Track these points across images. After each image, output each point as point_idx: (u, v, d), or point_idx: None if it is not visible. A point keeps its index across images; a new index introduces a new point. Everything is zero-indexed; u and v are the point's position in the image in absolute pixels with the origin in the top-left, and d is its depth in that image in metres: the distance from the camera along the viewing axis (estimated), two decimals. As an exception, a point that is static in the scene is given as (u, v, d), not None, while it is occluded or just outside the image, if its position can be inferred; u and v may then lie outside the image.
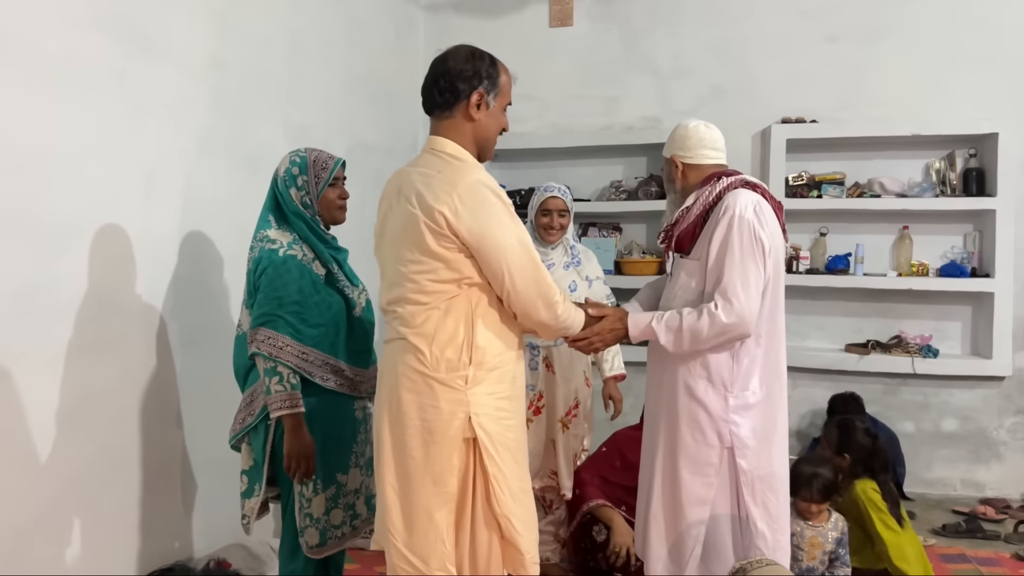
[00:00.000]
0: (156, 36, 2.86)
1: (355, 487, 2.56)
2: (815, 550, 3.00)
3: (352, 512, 2.56)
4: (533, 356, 3.17)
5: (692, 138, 2.43)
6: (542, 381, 3.19)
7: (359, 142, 4.41)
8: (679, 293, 2.35)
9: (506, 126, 2.18)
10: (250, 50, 3.42)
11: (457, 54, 2.07)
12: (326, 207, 2.52)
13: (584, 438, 3.29)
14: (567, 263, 3.25)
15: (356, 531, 2.59)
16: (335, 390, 2.47)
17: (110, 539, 2.68)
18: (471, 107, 2.05)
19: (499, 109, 2.12)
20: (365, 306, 2.64)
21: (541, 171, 5.21)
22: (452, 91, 2.04)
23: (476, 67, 2.05)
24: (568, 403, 3.21)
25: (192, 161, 3.07)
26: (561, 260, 3.24)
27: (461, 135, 2.08)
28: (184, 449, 3.04)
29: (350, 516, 2.56)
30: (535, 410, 3.18)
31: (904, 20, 4.58)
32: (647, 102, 5.03)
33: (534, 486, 3.16)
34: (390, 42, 4.90)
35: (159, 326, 2.90)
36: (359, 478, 2.58)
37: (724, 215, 2.26)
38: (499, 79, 2.09)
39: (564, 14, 5.15)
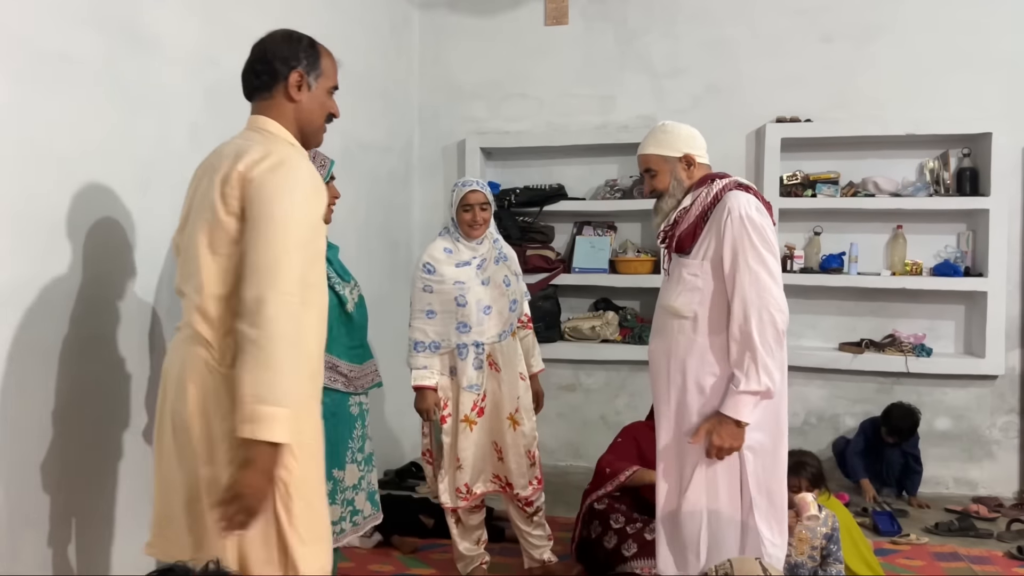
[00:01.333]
0: (149, 32, 2.84)
1: (353, 483, 2.60)
2: (803, 544, 3.03)
3: (352, 508, 2.59)
4: (478, 355, 3.11)
5: (698, 138, 2.56)
6: (487, 380, 3.14)
7: (353, 140, 4.40)
8: (683, 292, 2.41)
9: (334, 111, 2.12)
10: (244, 47, 3.39)
11: (273, 36, 2.06)
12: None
13: (534, 432, 3.23)
14: (496, 258, 3.22)
15: (357, 527, 2.63)
16: (329, 387, 2.49)
17: (106, 538, 2.67)
18: (291, 87, 1.99)
19: (323, 92, 2.07)
20: (358, 302, 2.66)
21: (535, 170, 5.21)
22: (270, 72, 2.00)
23: (294, 48, 2.02)
24: (513, 400, 3.16)
25: (186, 158, 3.04)
26: (491, 255, 3.20)
27: (282, 116, 2.02)
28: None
29: (350, 512, 2.59)
30: (479, 411, 3.13)
31: (898, 20, 4.60)
32: (642, 101, 5.03)
33: (476, 491, 3.16)
34: (384, 40, 4.89)
35: (153, 324, 2.89)
36: (357, 473, 2.62)
37: (729, 216, 2.33)
38: (320, 60, 2.05)
39: (559, 12, 5.15)
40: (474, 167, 5.19)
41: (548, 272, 4.97)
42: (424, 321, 3.12)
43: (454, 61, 5.32)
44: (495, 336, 3.12)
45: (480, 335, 3.10)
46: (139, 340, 2.82)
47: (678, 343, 2.42)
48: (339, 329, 2.56)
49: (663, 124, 2.58)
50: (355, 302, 2.64)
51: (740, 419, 2.30)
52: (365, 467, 2.64)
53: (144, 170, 2.83)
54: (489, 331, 3.11)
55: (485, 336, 3.11)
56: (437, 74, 5.35)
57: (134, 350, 2.80)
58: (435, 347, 3.13)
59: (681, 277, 2.40)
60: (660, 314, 2.50)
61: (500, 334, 3.13)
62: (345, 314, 2.58)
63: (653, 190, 2.52)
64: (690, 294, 2.38)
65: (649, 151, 2.52)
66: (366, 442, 2.67)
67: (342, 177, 2.93)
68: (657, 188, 2.51)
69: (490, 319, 3.11)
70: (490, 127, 5.27)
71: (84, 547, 2.58)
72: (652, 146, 2.52)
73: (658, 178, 2.51)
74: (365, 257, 4.47)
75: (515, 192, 5.07)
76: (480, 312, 3.09)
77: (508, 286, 3.18)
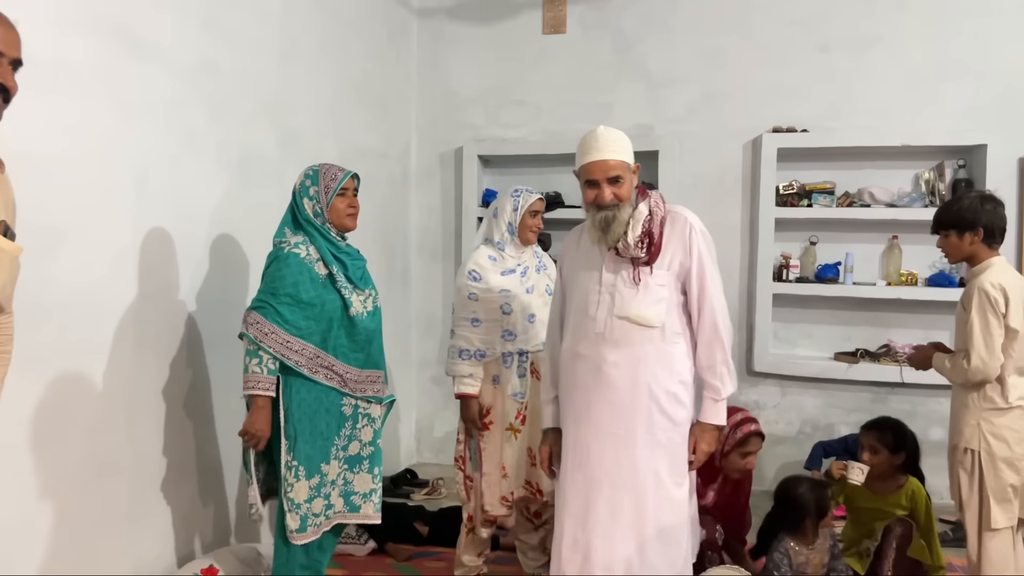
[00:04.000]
0: (146, 38, 2.85)
1: (333, 479, 2.73)
2: (818, 568, 3.01)
3: (327, 503, 2.73)
4: (522, 363, 3.11)
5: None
6: (530, 388, 3.13)
7: (351, 146, 4.41)
8: (653, 302, 2.40)
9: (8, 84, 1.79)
10: (241, 53, 3.42)
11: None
12: (335, 215, 2.72)
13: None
14: (538, 266, 3.23)
15: (329, 521, 2.74)
16: (324, 383, 2.64)
17: (97, 543, 2.66)
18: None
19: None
20: (372, 311, 2.78)
21: (533, 177, 5.21)
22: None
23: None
24: None
25: (183, 164, 3.06)
26: (533, 264, 3.22)
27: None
28: (176, 452, 3.02)
29: (325, 506, 2.72)
30: (522, 419, 3.13)
31: (894, 31, 4.62)
32: (639, 109, 5.05)
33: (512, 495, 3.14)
34: (383, 47, 4.91)
35: (150, 327, 2.89)
36: (337, 470, 2.74)
37: (692, 229, 2.45)
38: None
39: (557, 21, 5.16)
40: (471, 174, 5.20)
41: (544, 280, 4.98)
42: (469, 329, 3.10)
43: (452, 68, 5.33)
44: (540, 344, 3.08)
45: (525, 343, 3.09)
46: (135, 345, 2.82)
47: (647, 353, 2.39)
48: (339, 331, 2.68)
49: (612, 129, 2.50)
50: (367, 310, 2.75)
51: (721, 424, 2.45)
52: (346, 466, 2.75)
53: (141, 175, 2.83)
54: (534, 339, 3.09)
55: (530, 344, 3.09)
56: (435, 81, 5.36)
57: (130, 355, 2.79)
58: (480, 355, 3.11)
59: (648, 287, 2.39)
60: (619, 325, 2.40)
61: (544, 342, 3.07)
62: (348, 318, 2.67)
63: (614, 199, 2.39)
64: (659, 304, 2.39)
65: (618, 157, 2.42)
66: (353, 443, 2.76)
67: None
68: (620, 197, 2.40)
69: (535, 327, 3.10)
70: (488, 134, 5.28)
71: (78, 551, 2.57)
72: (619, 152, 2.44)
73: (623, 187, 2.41)
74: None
75: (512, 199, 5.07)
76: (525, 320, 3.09)
77: (550, 294, 3.13)
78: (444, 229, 5.37)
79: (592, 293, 2.44)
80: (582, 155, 2.45)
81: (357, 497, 2.78)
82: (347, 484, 2.77)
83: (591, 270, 2.48)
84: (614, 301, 2.41)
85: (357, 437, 2.77)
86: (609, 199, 2.39)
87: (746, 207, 4.91)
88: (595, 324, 2.42)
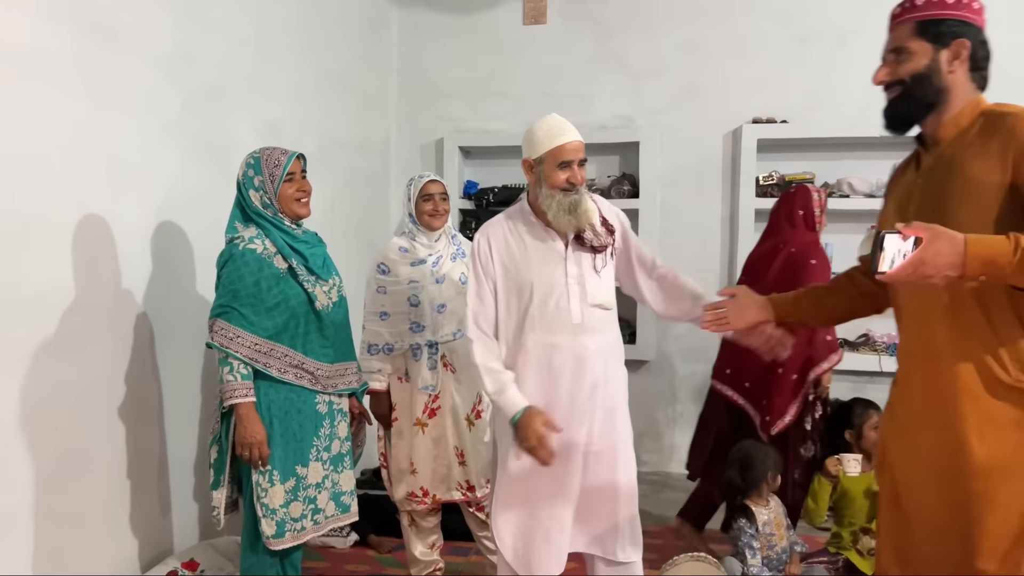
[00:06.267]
0: (122, 28, 2.81)
1: (316, 481, 2.60)
2: (780, 529, 3.15)
3: (314, 506, 2.60)
4: (432, 355, 3.06)
5: None
6: (442, 381, 3.08)
7: (331, 138, 4.38)
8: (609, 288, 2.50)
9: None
10: (219, 44, 3.38)
11: None
12: (285, 203, 2.55)
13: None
14: (453, 254, 3.16)
15: (319, 527, 2.62)
16: (294, 383, 2.52)
17: (76, 541, 2.64)
18: None
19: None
20: (337, 301, 2.65)
21: (514, 169, 5.19)
22: None
23: None
24: (470, 401, 3.11)
25: (160, 155, 3.02)
26: (448, 252, 3.15)
27: None
28: (153, 448, 3.00)
29: (311, 510, 2.59)
30: (429, 412, 3.08)
31: (872, 22, 4.62)
32: (620, 101, 5.05)
33: (439, 497, 3.10)
34: (363, 38, 4.87)
35: (127, 322, 2.86)
36: (321, 472, 2.62)
37: (618, 215, 2.59)
38: None
39: (538, 12, 5.15)
40: (452, 166, 5.18)
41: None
42: (378, 323, 3.10)
43: (432, 59, 5.31)
44: (449, 335, 3.05)
45: (434, 334, 3.05)
46: (113, 338, 2.79)
47: (615, 335, 2.53)
48: (307, 327, 2.56)
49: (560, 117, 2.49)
50: (332, 301, 2.63)
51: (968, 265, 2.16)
52: (331, 467, 2.64)
53: (117, 168, 2.79)
54: (443, 329, 3.05)
55: (439, 335, 3.05)
56: (415, 72, 5.33)
57: (107, 349, 2.77)
58: (389, 349, 3.09)
59: (606, 272, 2.48)
60: (592, 313, 2.42)
61: (455, 332, 3.06)
62: (314, 312, 2.56)
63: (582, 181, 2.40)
64: (612, 287, 2.51)
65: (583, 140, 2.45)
66: (334, 442, 2.66)
67: (317, 175, 2.92)
68: (584, 182, 2.42)
69: (444, 317, 3.05)
70: (469, 126, 5.26)
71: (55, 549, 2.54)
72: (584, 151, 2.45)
73: (584, 171, 2.43)
74: (342, 256, 4.42)
75: (493, 191, 5.07)
76: (434, 311, 3.05)
77: (464, 283, 3.07)
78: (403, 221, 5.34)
79: (559, 286, 2.41)
80: (553, 137, 2.40)
81: (346, 496, 2.71)
82: (335, 485, 2.66)
83: (552, 263, 2.42)
84: (585, 290, 2.42)
85: (336, 435, 2.67)
86: (582, 180, 2.41)
87: (726, 198, 4.93)
88: (571, 315, 2.40)
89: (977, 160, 1.70)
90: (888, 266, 1.55)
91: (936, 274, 1.54)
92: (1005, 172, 1.65)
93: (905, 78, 1.81)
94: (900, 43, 1.82)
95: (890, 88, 1.87)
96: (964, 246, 1.52)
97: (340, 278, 2.73)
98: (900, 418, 1.90)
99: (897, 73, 1.83)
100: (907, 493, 1.85)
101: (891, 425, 1.95)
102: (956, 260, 1.52)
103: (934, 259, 1.52)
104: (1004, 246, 1.52)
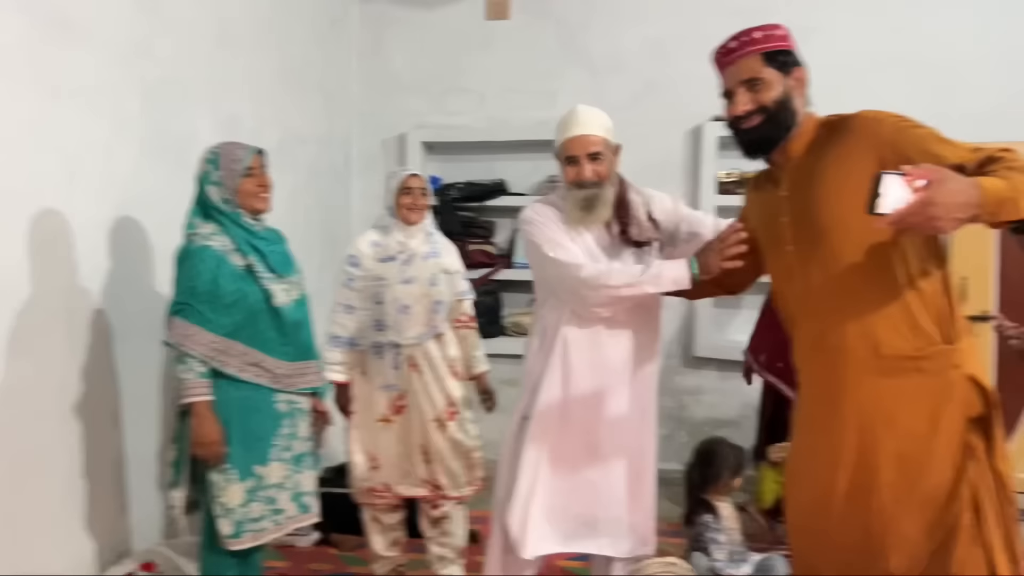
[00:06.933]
0: (78, 20, 2.75)
1: (278, 481, 2.57)
2: (734, 521, 3.24)
3: (274, 507, 2.56)
4: (395, 355, 3.04)
5: None
6: (407, 381, 3.05)
7: (292, 133, 4.33)
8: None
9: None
10: (177, 37, 3.32)
11: None
12: (245, 199, 2.51)
13: (473, 432, 3.17)
14: (427, 254, 3.10)
15: (280, 527, 2.59)
16: (252, 381, 2.48)
17: (32, 542, 2.58)
18: None
19: None
20: (297, 299, 2.62)
21: (477, 164, 5.20)
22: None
23: None
24: (439, 403, 3.07)
25: (117, 150, 2.97)
26: (421, 251, 3.09)
27: None
28: (110, 447, 2.95)
29: (271, 511, 2.56)
30: (395, 409, 3.07)
31: (830, 22, 4.71)
32: (583, 97, 4.98)
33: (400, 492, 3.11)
34: (324, 31, 4.83)
35: (82, 319, 2.80)
36: (283, 472, 2.58)
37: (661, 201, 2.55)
38: None
39: (500, 7, 5.14)
40: (415, 161, 5.15)
41: (489, 267, 4.98)
42: (343, 315, 3.07)
43: (394, 54, 5.27)
44: (413, 337, 3.02)
45: (398, 335, 3.01)
46: (68, 335, 2.74)
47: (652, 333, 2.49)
48: (265, 324, 2.51)
49: (593, 108, 2.43)
50: (292, 299, 2.59)
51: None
52: (292, 467, 2.60)
53: (69, 162, 2.73)
54: (407, 332, 3.02)
55: (403, 337, 3.01)
56: (377, 67, 5.29)
57: (63, 346, 2.71)
58: (351, 343, 3.08)
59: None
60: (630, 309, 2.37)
61: (420, 335, 3.03)
62: (273, 310, 2.52)
63: (595, 176, 2.34)
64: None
65: (599, 133, 2.36)
66: (295, 441, 2.62)
67: (278, 170, 2.88)
68: (602, 176, 2.35)
69: (408, 319, 3.01)
70: (431, 121, 5.24)
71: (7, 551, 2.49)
72: (599, 129, 2.37)
73: (604, 165, 2.35)
74: (303, 252, 4.38)
75: (456, 187, 5.06)
76: (397, 312, 3.01)
77: (435, 285, 3.06)
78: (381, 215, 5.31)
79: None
80: (561, 132, 2.38)
81: (307, 497, 2.67)
82: (296, 485, 2.62)
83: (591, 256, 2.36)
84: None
85: (297, 435, 2.63)
86: (590, 176, 2.33)
87: (688, 196, 4.97)
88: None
89: (835, 164, 1.83)
90: (890, 208, 1.52)
91: (946, 215, 1.50)
92: (870, 164, 1.72)
93: (768, 105, 1.91)
94: (754, 74, 1.93)
95: (751, 116, 1.95)
96: (979, 188, 1.51)
97: (301, 275, 2.69)
98: (805, 417, 1.97)
99: (759, 101, 1.93)
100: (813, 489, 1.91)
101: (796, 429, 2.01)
102: (971, 200, 1.50)
103: (945, 199, 1.49)
104: (1002, 183, 1.54)
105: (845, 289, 1.82)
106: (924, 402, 1.75)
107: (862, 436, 1.80)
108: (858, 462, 1.81)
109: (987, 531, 1.70)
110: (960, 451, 1.72)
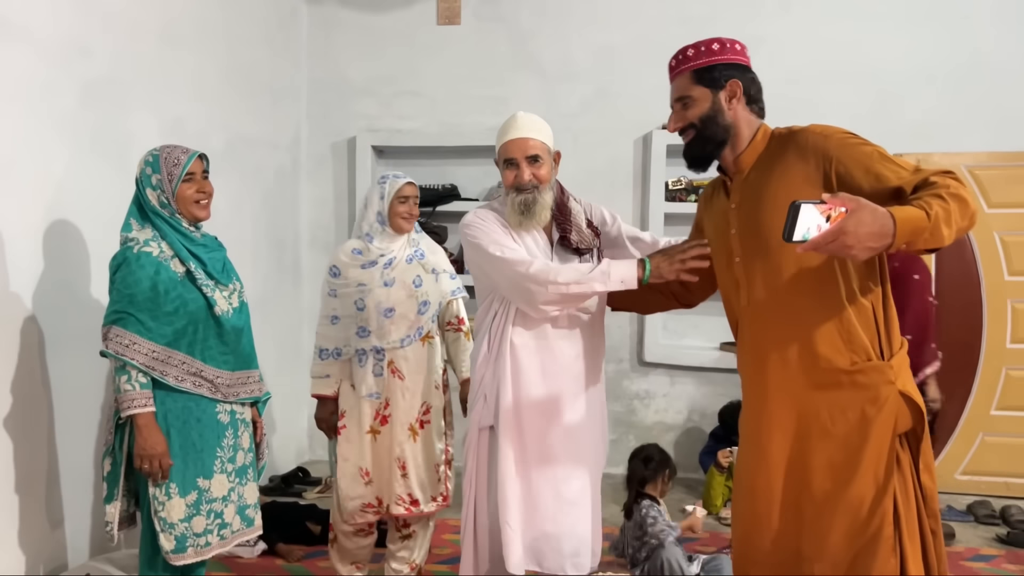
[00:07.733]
0: (12, 15, 2.66)
1: (222, 494, 2.50)
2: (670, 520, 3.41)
3: (220, 521, 2.50)
4: (378, 360, 2.96)
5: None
6: (388, 388, 2.96)
7: (239, 135, 4.25)
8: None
9: None
10: (119, 36, 3.24)
11: None
12: (184, 204, 2.44)
13: (447, 443, 3.10)
14: (410, 256, 3.03)
15: (224, 541, 2.52)
16: (192, 392, 2.41)
17: None
18: None
19: None
20: (238, 307, 2.55)
21: (428, 169, 5.18)
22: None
23: None
24: (415, 410, 3.00)
25: (53, 151, 2.87)
26: (403, 254, 3.02)
27: None
28: (42, 460, 2.85)
29: (217, 525, 2.49)
30: (381, 419, 2.99)
31: (776, 34, 4.80)
32: (533, 103, 5.06)
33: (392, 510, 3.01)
34: (272, 33, 4.75)
35: (13, 326, 2.71)
36: (227, 485, 2.51)
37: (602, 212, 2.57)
38: None
39: (451, 12, 5.13)
40: (365, 165, 5.11)
41: (440, 273, 4.94)
42: (328, 327, 3.01)
43: (344, 56, 5.22)
44: (396, 341, 2.95)
45: (381, 339, 2.95)
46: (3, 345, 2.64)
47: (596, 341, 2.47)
48: (206, 333, 2.44)
49: (532, 114, 2.42)
50: (232, 307, 2.52)
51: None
52: (237, 479, 2.54)
53: (6, 164, 2.64)
54: (391, 335, 2.95)
55: (386, 341, 2.95)
56: (326, 69, 5.23)
57: (-7, 356, 2.61)
58: (337, 354, 3.01)
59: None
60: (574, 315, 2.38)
61: (403, 339, 2.96)
62: (213, 318, 2.45)
63: (533, 179, 2.33)
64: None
65: (540, 138, 2.36)
66: (239, 452, 2.56)
67: (224, 173, 2.83)
68: (541, 179, 2.34)
69: (392, 322, 2.94)
70: (382, 125, 5.20)
71: None
72: (539, 133, 2.36)
73: (543, 169, 2.34)
74: (249, 257, 4.32)
75: (406, 192, 5.01)
76: (380, 315, 2.94)
77: (418, 287, 2.99)
78: (337, 222, 5.26)
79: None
80: (501, 136, 2.37)
81: (251, 510, 2.59)
82: (240, 498, 2.55)
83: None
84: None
85: (240, 447, 2.56)
86: (529, 179, 2.33)
87: (637, 202, 5.01)
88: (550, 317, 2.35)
89: (782, 177, 1.86)
90: (802, 236, 1.56)
91: (857, 244, 1.53)
92: (815, 179, 1.79)
93: (694, 121, 1.97)
94: (683, 92, 2.00)
95: (684, 133, 2.01)
96: (892, 218, 1.55)
97: (241, 283, 2.62)
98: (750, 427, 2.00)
99: (686, 118, 1.99)
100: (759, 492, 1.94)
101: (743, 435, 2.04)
102: (883, 231, 1.54)
103: (856, 229, 1.52)
104: (920, 214, 1.57)
105: (787, 302, 1.86)
106: (857, 414, 1.79)
107: (799, 445, 1.84)
108: (794, 470, 1.85)
109: (904, 542, 1.75)
110: (887, 464, 1.77)
